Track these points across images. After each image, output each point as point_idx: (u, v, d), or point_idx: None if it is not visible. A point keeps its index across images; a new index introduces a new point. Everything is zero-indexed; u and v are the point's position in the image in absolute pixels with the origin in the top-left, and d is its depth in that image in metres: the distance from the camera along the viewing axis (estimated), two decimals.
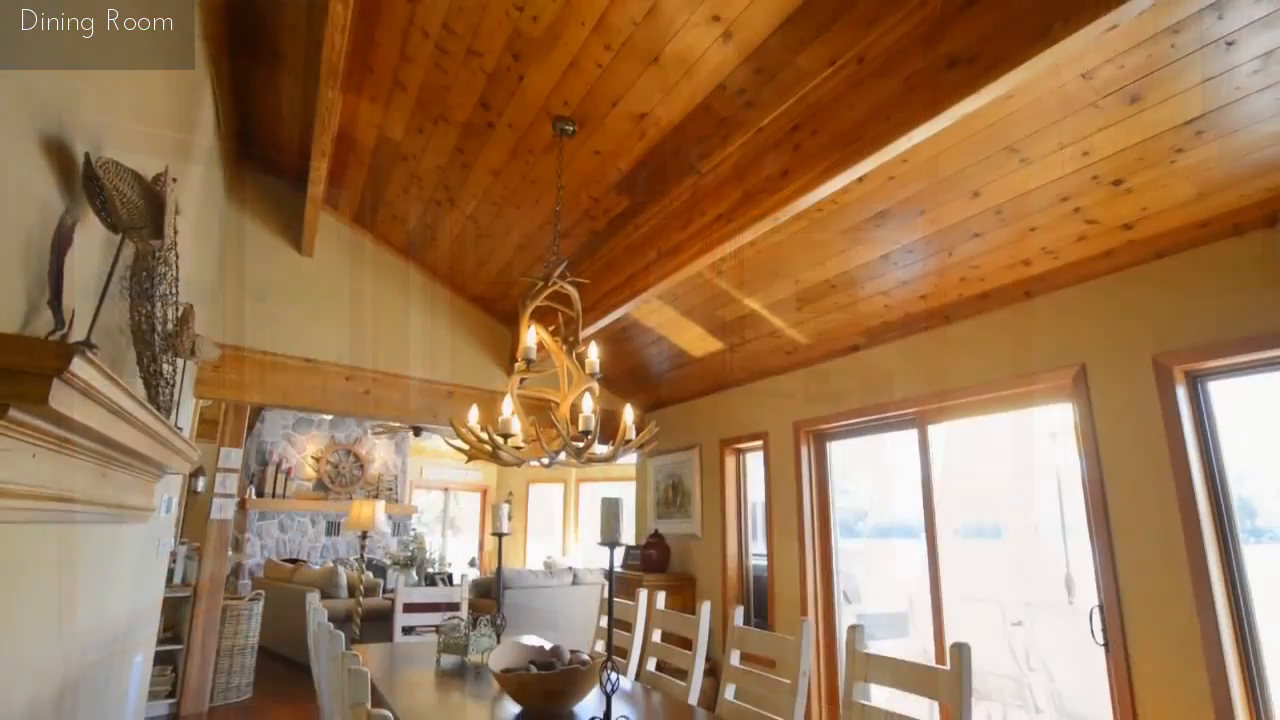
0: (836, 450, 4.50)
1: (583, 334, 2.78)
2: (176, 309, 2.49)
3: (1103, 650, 2.81)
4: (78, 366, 1.17)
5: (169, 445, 2.23)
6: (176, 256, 2.25)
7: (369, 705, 1.20)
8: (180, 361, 2.85)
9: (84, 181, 1.54)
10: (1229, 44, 1.97)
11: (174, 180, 1.83)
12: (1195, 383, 2.69)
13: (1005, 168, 2.62)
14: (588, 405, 2.53)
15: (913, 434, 3.81)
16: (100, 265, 1.80)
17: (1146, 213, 2.60)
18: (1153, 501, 2.69)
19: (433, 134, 3.59)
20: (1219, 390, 2.67)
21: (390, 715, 1.15)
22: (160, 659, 4.49)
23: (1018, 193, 2.71)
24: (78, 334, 1.54)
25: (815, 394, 4.42)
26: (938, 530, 3.63)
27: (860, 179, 2.80)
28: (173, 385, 2.61)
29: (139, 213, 1.65)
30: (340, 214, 4.95)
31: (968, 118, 2.32)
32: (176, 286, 2.34)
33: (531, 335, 2.56)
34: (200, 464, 8.58)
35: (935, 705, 3.85)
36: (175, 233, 2.20)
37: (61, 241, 1.44)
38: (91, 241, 1.74)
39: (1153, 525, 2.68)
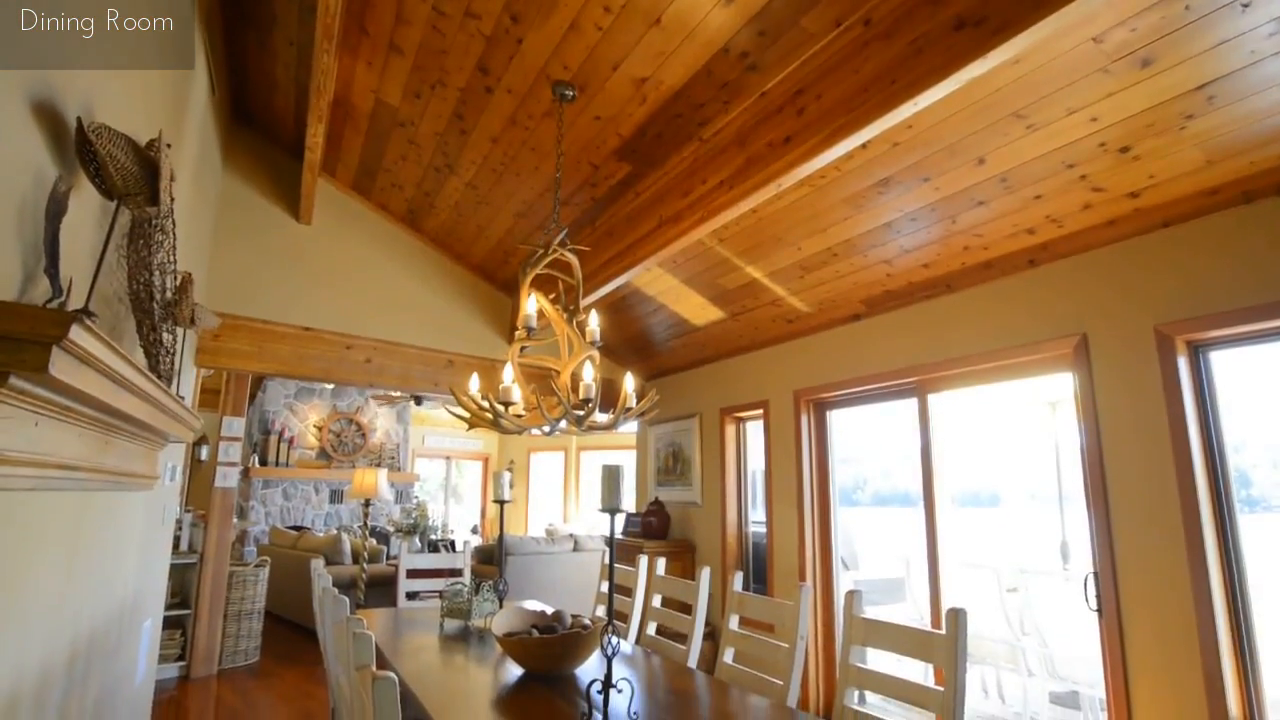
0: (836, 419, 4.52)
1: (583, 302, 2.77)
2: (175, 277, 2.47)
3: (1096, 616, 2.85)
4: (77, 334, 1.16)
5: (171, 414, 2.23)
6: (174, 224, 2.23)
7: (374, 667, 1.22)
8: (180, 330, 2.85)
9: (77, 147, 1.52)
10: (1244, 6, 1.92)
11: (168, 146, 1.81)
12: (1197, 353, 2.69)
13: (1011, 134, 2.58)
14: (588, 373, 2.53)
15: (913, 403, 3.82)
16: (96, 233, 1.78)
17: (1154, 180, 2.57)
18: (1150, 471, 2.70)
19: (430, 99, 3.53)
20: (1220, 360, 2.67)
21: (395, 676, 1.17)
22: (169, 623, 4.58)
23: (1023, 160, 2.68)
24: (76, 302, 1.53)
25: (816, 363, 4.43)
26: (936, 499, 3.66)
27: (864, 145, 2.77)
28: (173, 354, 2.60)
29: (134, 179, 1.63)
30: (338, 181, 4.90)
31: (974, 82, 2.28)
32: (174, 254, 2.33)
33: (532, 303, 2.55)
34: (203, 433, 8.65)
35: (930, 668, 3.92)
36: (172, 200, 2.18)
37: (56, 208, 1.42)
38: (87, 209, 1.73)
39: (1149, 494, 2.70)
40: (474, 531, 10.98)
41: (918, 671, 3.86)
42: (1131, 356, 2.81)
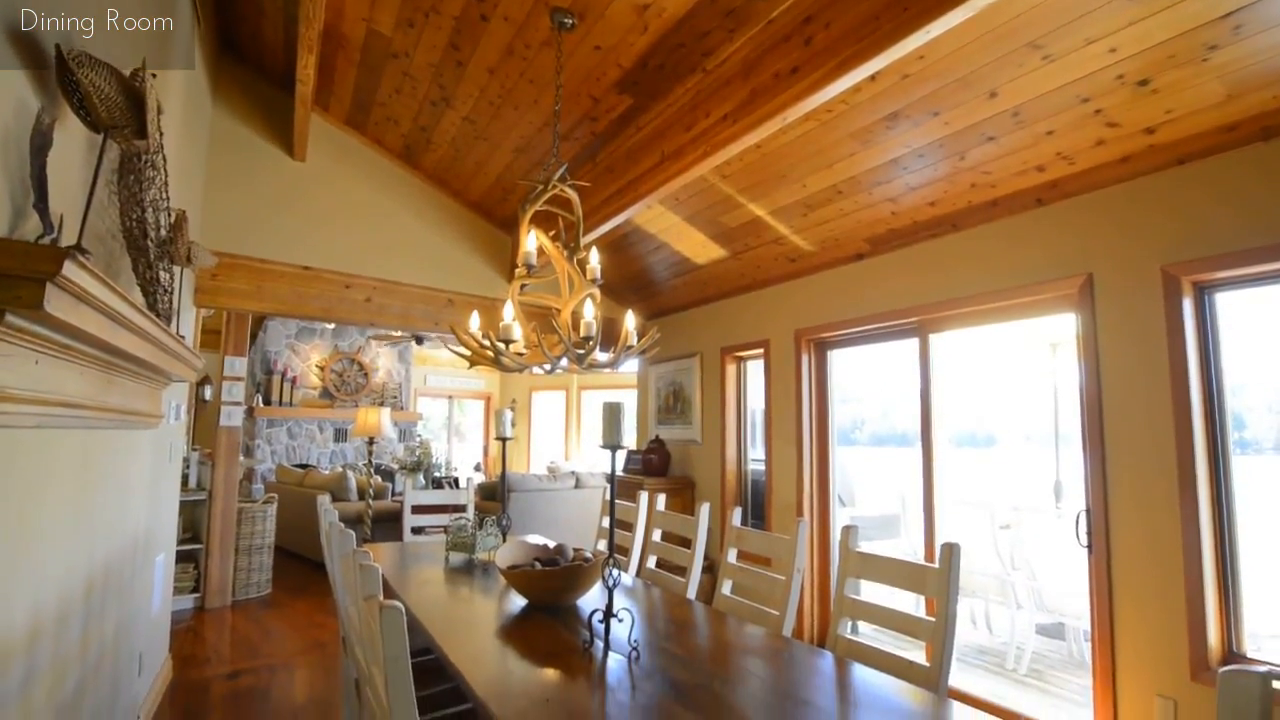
0: (837, 359, 4.52)
1: (584, 240, 2.73)
2: (169, 215, 2.44)
3: (1086, 552, 2.92)
4: (70, 271, 1.15)
5: (172, 353, 2.23)
6: (164, 160, 2.18)
7: (380, 597, 1.25)
8: (178, 269, 2.83)
9: (58, 77, 1.47)
10: None
11: (153, 75, 1.74)
12: (1202, 294, 2.67)
13: (1026, 65, 2.49)
14: (589, 311, 2.51)
15: (914, 343, 3.82)
16: (85, 169, 1.74)
17: (1171, 115, 2.49)
18: (1148, 412, 2.72)
19: (424, 28, 3.40)
20: (1225, 302, 2.65)
21: (401, 606, 1.20)
22: (182, 558, 4.70)
23: (1037, 93, 2.59)
24: (68, 239, 1.51)
25: (818, 302, 4.40)
26: (934, 438, 3.70)
27: (873, 77, 2.68)
28: (171, 293, 2.59)
29: (119, 110, 1.58)
30: (331, 116, 4.78)
31: (991, 9, 2.18)
32: (166, 191, 2.28)
33: (531, 240, 2.52)
34: (206, 373, 8.69)
35: (921, 600, 4.05)
36: (160, 134, 2.12)
37: (41, 141, 1.38)
38: (74, 143, 1.68)
39: (1146, 435, 2.72)
40: (477, 469, 11.16)
41: (909, 604, 3.99)
42: (1136, 297, 2.79)
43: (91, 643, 2.13)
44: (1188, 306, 2.65)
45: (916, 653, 1.96)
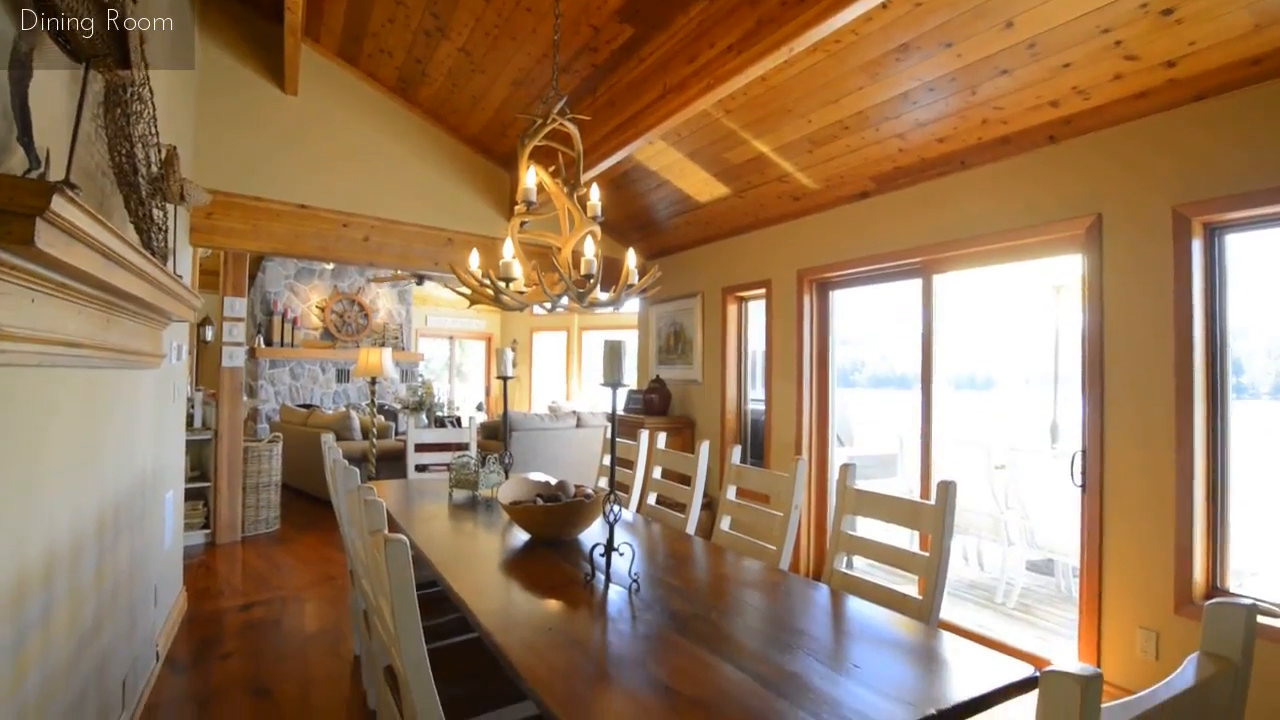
0: (839, 299, 4.50)
1: (584, 177, 2.67)
2: (159, 151, 2.38)
3: (1080, 491, 2.96)
4: (59, 205, 1.12)
5: (170, 292, 2.22)
6: (151, 93, 2.12)
7: (385, 531, 1.28)
8: (171, 208, 2.78)
9: (33, 2, 1.41)
10: None
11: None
12: (1212, 235, 2.62)
13: None
14: (589, 249, 2.48)
15: (917, 284, 3.78)
16: (69, 101, 1.69)
17: (1194, 48, 2.40)
18: (1150, 354, 2.72)
19: None
20: (1235, 244, 2.61)
21: (406, 539, 1.22)
22: (192, 495, 4.79)
23: (1055, 24, 2.49)
24: (56, 175, 1.48)
25: (821, 242, 4.35)
26: (934, 379, 3.71)
27: (885, 4, 2.57)
28: (166, 231, 2.55)
29: (99, 37, 1.52)
30: (323, 48, 4.62)
31: None
32: (155, 126, 2.22)
33: (531, 176, 2.47)
34: (206, 314, 8.68)
35: (916, 536, 4.14)
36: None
37: (20, 71, 1.33)
38: (55, 76, 1.63)
39: (1146, 377, 2.73)
40: (479, 408, 11.26)
41: (903, 540, 4.08)
42: (1145, 238, 2.75)
43: (106, 575, 2.18)
44: (1197, 248, 2.61)
45: (909, 586, 2.02)
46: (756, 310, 5.18)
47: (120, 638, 2.37)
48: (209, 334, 8.81)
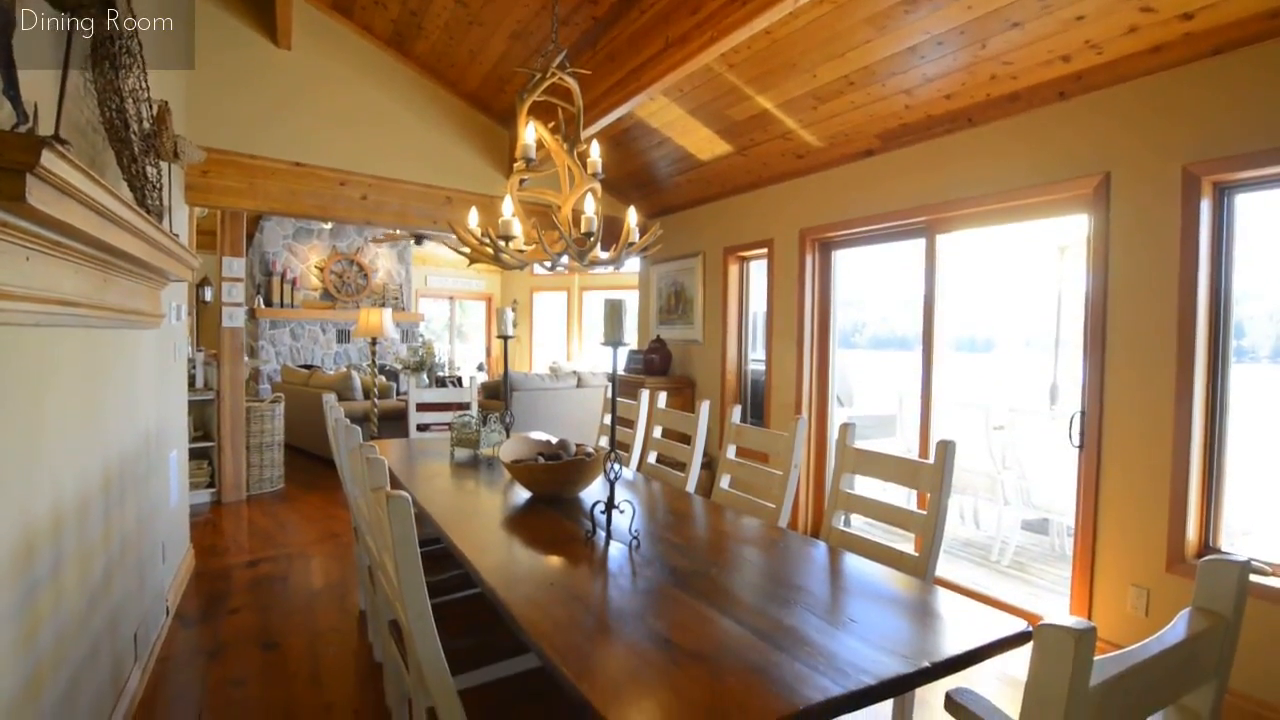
0: (841, 259, 4.46)
1: (584, 133, 2.62)
2: (150, 106, 2.33)
3: (1077, 451, 2.98)
4: (49, 161, 1.10)
5: (167, 251, 2.20)
6: (140, 46, 2.06)
7: (388, 488, 1.29)
8: (165, 165, 2.74)
9: None
10: None
11: None
12: (1222, 195, 2.58)
13: None
14: (590, 206, 2.45)
15: (920, 244, 3.75)
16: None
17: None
18: (1153, 316, 2.70)
19: None
20: (1245, 204, 2.58)
21: (408, 495, 1.23)
22: (196, 455, 4.84)
23: None
24: (45, 130, 1.45)
25: (824, 201, 4.30)
26: (935, 339, 3.70)
27: None
28: (160, 189, 2.52)
29: None
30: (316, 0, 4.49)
31: None
32: (146, 80, 2.18)
33: (530, 132, 2.42)
34: (205, 274, 8.63)
35: (913, 496, 4.18)
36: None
37: (3, 20, 1.30)
38: (39, 27, 1.58)
39: (1148, 339, 2.72)
40: (480, 369, 11.29)
41: (900, 499, 4.12)
42: (1153, 198, 2.71)
43: (114, 533, 2.21)
44: (1205, 208, 2.57)
45: (906, 544, 2.04)
46: (758, 270, 5.14)
47: (130, 593, 2.42)
48: (208, 294, 8.77)
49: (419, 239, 9.41)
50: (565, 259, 2.52)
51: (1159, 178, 2.69)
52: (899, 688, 1.15)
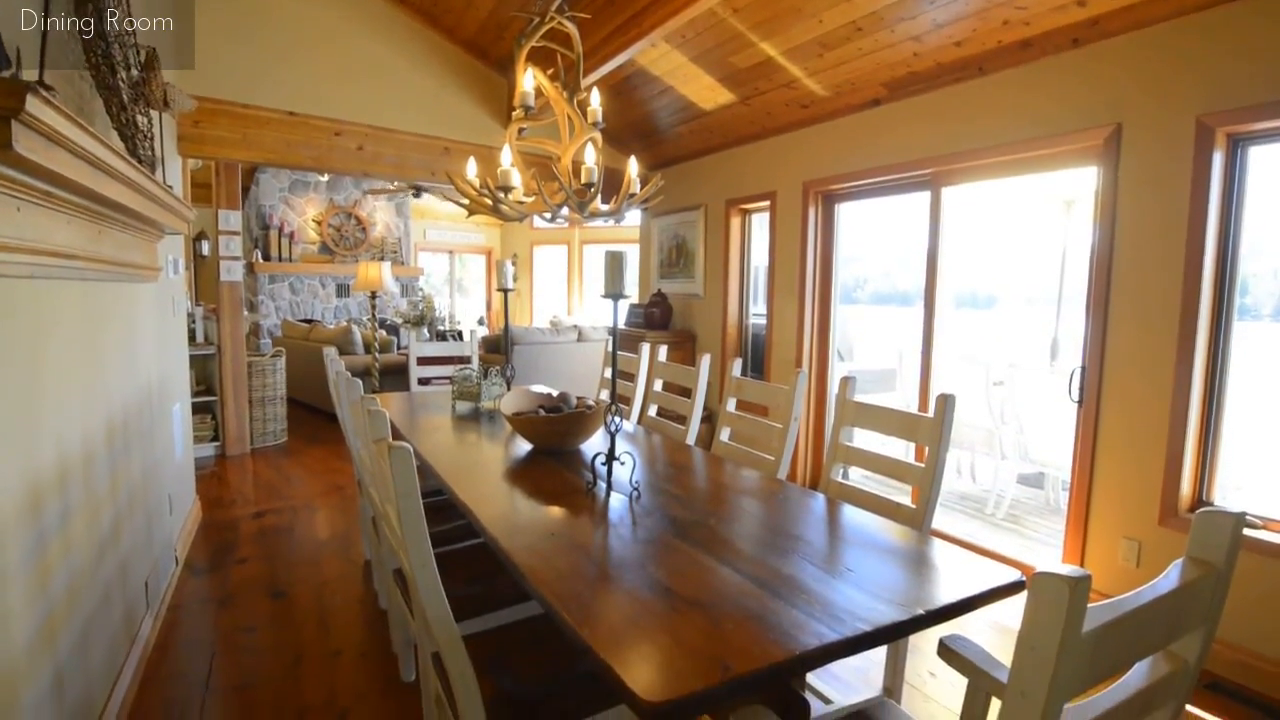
0: (845, 212, 4.40)
1: (584, 81, 2.56)
2: (137, 52, 2.27)
3: (1076, 406, 2.99)
4: (34, 107, 1.08)
5: (160, 202, 2.16)
6: None
7: (390, 439, 1.30)
8: (155, 114, 2.68)
9: None
10: None
11: None
12: (1236, 147, 2.53)
13: None
14: (590, 157, 2.41)
15: (925, 196, 3.69)
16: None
17: None
18: (1158, 272, 2.68)
19: None
20: (1258, 158, 2.52)
21: (409, 446, 1.24)
22: (199, 409, 4.87)
23: None
24: (28, 76, 1.41)
25: (828, 152, 4.22)
26: (937, 292, 3.68)
27: None
28: (151, 138, 2.47)
29: None
30: None
31: None
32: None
33: (529, 79, 2.36)
34: (201, 228, 8.54)
35: (910, 450, 4.22)
36: None
37: None
38: None
39: (1152, 294, 2.70)
40: (480, 323, 11.27)
41: (898, 452, 4.16)
42: (1164, 150, 2.65)
43: (120, 484, 2.24)
44: (1217, 161, 2.52)
45: (903, 497, 2.07)
46: (760, 224, 5.08)
47: (139, 543, 2.46)
48: (205, 248, 8.70)
49: (417, 191, 9.28)
50: (565, 210, 2.49)
51: (1172, 129, 2.63)
52: (894, 634, 1.18)
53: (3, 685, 1.31)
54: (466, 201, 2.51)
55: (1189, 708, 2.12)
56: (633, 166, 2.51)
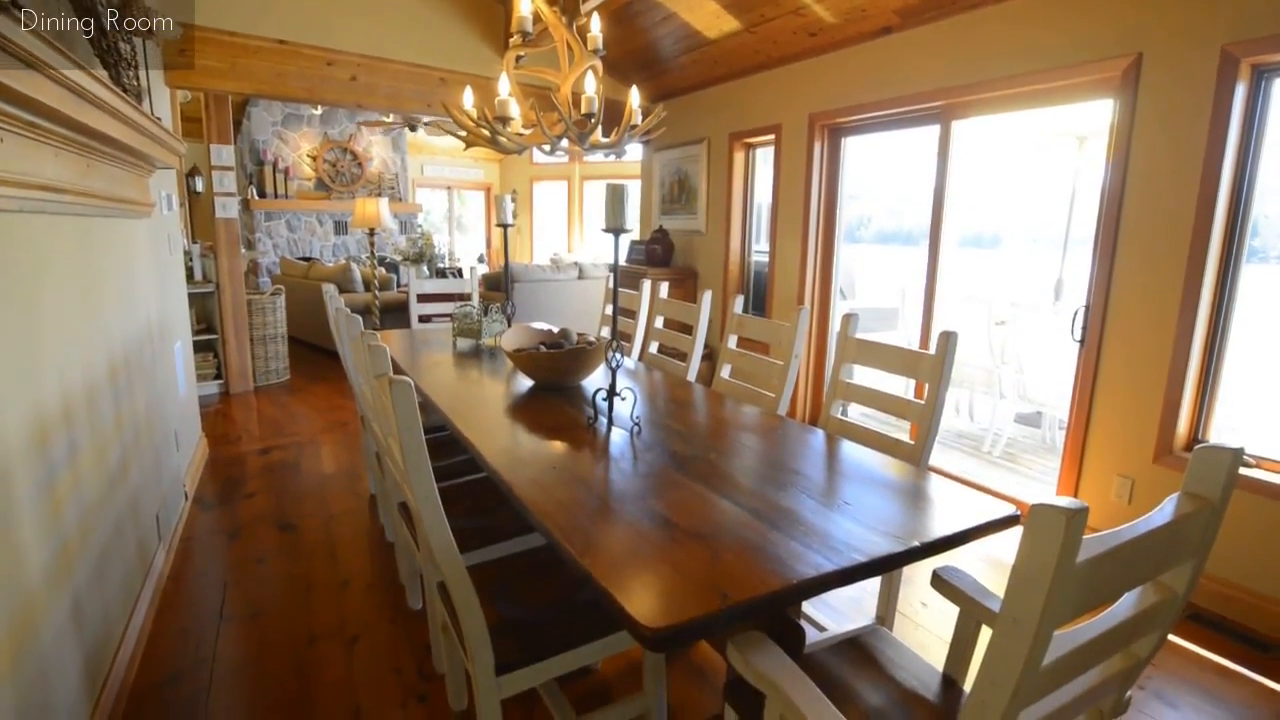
0: (851, 147, 4.29)
1: (584, 5, 2.45)
2: None
3: (1078, 346, 2.98)
4: (6, 28, 1.03)
5: (147, 133, 2.11)
6: None
7: (391, 375, 1.30)
8: (139, 41, 2.58)
9: None
10: None
11: None
12: (1260, 79, 2.43)
13: None
14: (590, 86, 2.33)
15: (934, 130, 3.59)
16: None
17: None
18: (1169, 209, 2.62)
19: None
20: None
21: (410, 380, 1.24)
22: (201, 347, 4.88)
23: None
24: None
25: (836, 83, 4.08)
26: (943, 228, 3.62)
27: None
28: (136, 68, 2.39)
29: None
30: None
31: None
32: None
33: (526, 3, 2.26)
34: (194, 163, 8.37)
35: (911, 388, 4.24)
36: None
37: None
38: None
39: (1162, 233, 2.65)
40: (480, 260, 11.18)
41: (897, 391, 4.18)
42: (1185, 81, 2.56)
43: (125, 420, 2.26)
44: (1240, 94, 2.43)
45: (902, 434, 2.08)
46: (764, 159, 4.97)
47: (148, 478, 2.50)
48: (199, 184, 8.55)
49: (413, 125, 9.05)
50: (565, 143, 2.42)
51: (1195, 59, 2.53)
52: (889, 565, 1.20)
53: (21, 611, 1.35)
54: (464, 133, 2.45)
55: (1170, 636, 2.19)
56: (634, 97, 2.44)
